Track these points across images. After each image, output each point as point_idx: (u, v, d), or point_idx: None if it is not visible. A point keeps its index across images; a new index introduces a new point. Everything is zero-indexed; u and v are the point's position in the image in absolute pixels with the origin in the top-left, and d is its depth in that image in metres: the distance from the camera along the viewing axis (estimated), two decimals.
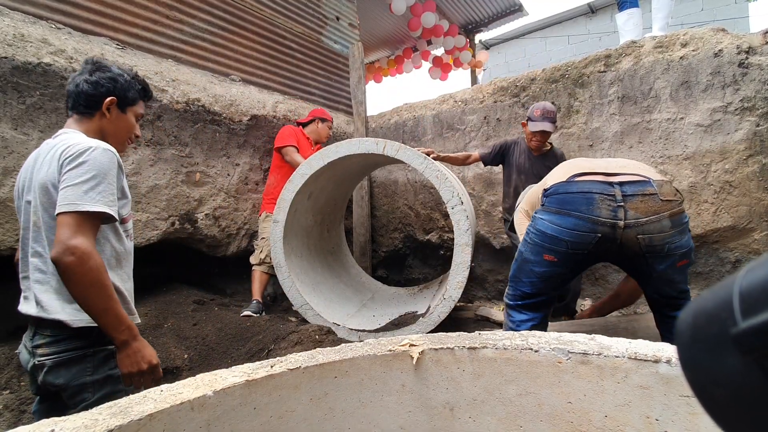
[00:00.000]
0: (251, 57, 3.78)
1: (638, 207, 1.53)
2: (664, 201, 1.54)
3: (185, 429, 0.69)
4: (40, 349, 1.12)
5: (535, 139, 2.90)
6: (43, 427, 0.62)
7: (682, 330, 0.28)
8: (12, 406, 1.87)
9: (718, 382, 0.25)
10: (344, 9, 4.97)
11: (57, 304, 1.12)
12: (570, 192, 1.61)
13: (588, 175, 1.64)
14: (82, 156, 1.10)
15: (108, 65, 1.28)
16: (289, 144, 3.21)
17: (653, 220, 1.52)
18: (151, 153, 2.78)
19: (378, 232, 4.48)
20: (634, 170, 1.65)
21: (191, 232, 3.07)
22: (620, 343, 0.89)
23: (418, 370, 0.93)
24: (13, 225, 2.15)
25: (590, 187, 1.58)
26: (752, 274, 0.24)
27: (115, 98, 1.26)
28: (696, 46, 2.95)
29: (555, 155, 3.01)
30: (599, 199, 1.55)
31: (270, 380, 0.81)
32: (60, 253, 1.01)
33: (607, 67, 3.28)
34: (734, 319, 0.24)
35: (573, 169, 1.70)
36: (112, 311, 1.07)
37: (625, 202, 1.54)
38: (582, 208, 1.56)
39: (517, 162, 3.07)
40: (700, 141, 2.91)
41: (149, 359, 1.13)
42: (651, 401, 0.81)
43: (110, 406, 0.67)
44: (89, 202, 1.07)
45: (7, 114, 2.13)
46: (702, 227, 2.93)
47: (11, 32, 2.19)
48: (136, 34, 2.94)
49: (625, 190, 1.56)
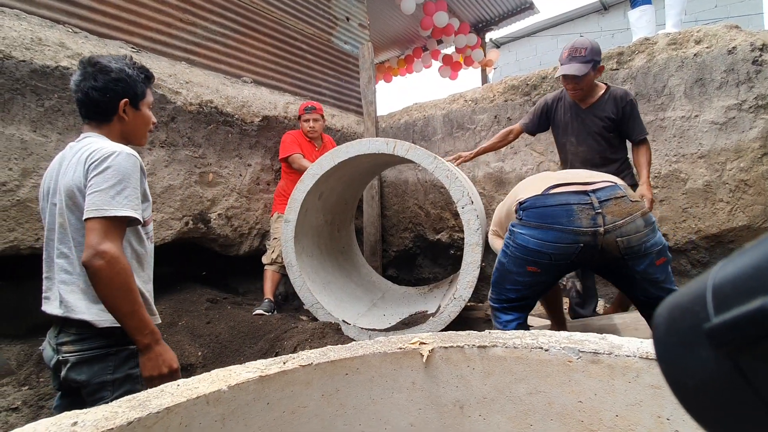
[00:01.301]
0: (262, 58, 3.82)
1: (614, 211, 1.57)
2: (633, 202, 1.60)
3: (201, 422, 0.71)
4: (64, 347, 1.16)
5: (567, 88, 2.43)
6: (65, 419, 0.64)
7: (659, 323, 0.29)
8: (31, 401, 1.93)
9: (690, 374, 0.26)
10: (354, 9, 4.99)
11: (83, 304, 1.15)
12: (548, 205, 1.61)
13: (563, 186, 1.65)
14: (106, 161, 1.13)
15: (107, 64, 1.25)
16: (292, 153, 3.24)
17: (629, 221, 1.56)
18: (166, 154, 2.83)
19: (388, 232, 4.49)
20: (601, 178, 1.71)
21: (204, 232, 3.12)
22: (631, 343, 0.89)
23: (428, 368, 0.94)
24: (32, 225, 2.21)
25: (567, 198, 1.60)
26: (724, 269, 0.25)
27: (128, 99, 1.27)
28: (710, 43, 2.90)
29: (614, 100, 2.37)
30: (578, 210, 1.57)
31: (282, 376, 0.83)
32: (90, 257, 1.05)
33: (619, 64, 3.24)
34: (707, 314, 0.24)
35: (547, 182, 1.70)
36: (138, 315, 1.11)
37: (602, 207, 1.56)
38: (563, 220, 1.57)
39: (563, 120, 2.56)
40: (715, 139, 2.87)
41: (170, 363, 1.16)
42: (662, 401, 0.81)
43: (129, 399, 0.70)
44: (116, 207, 1.10)
45: (26, 116, 2.19)
46: (717, 227, 2.88)
47: (29, 36, 2.25)
48: (151, 37, 2.99)
49: (599, 196, 1.59)
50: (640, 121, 2.42)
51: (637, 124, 2.39)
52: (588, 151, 2.50)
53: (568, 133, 2.55)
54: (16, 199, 2.15)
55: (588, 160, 2.50)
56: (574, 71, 2.28)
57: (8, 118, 2.12)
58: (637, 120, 2.40)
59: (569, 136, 2.55)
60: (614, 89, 2.43)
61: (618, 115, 2.38)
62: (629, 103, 2.37)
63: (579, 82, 2.33)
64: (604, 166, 2.39)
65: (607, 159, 2.48)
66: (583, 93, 2.40)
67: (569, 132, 2.54)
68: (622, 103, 2.36)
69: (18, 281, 2.34)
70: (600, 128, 2.44)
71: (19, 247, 2.18)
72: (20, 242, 2.18)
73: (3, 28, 2.16)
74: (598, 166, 2.37)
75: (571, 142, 2.54)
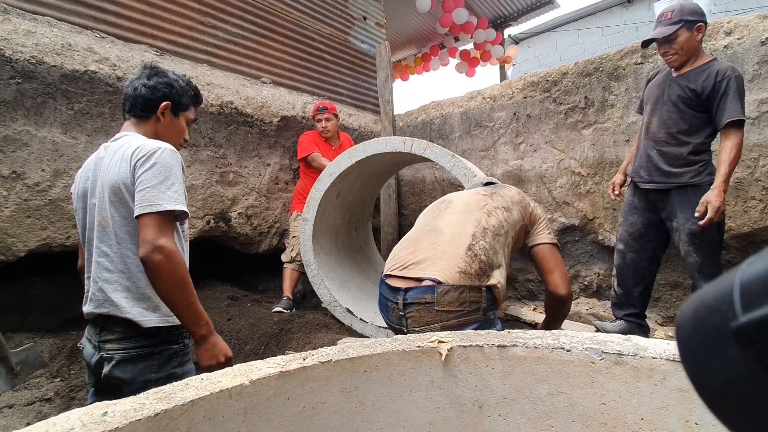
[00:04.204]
0: (281, 59, 3.86)
1: (413, 316, 1.52)
2: (438, 311, 1.47)
3: (224, 415, 0.73)
4: (108, 344, 1.18)
5: (661, 55, 2.19)
6: (96, 409, 0.66)
7: (683, 322, 0.28)
8: (62, 393, 2.00)
9: (717, 374, 0.25)
10: (371, 9, 5.00)
11: (126, 303, 1.16)
12: (381, 293, 1.67)
13: (390, 278, 1.63)
14: (153, 157, 1.15)
15: (165, 71, 1.32)
16: (311, 152, 3.27)
17: (425, 330, 1.47)
18: (188, 154, 2.89)
19: (405, 231, 4.48)
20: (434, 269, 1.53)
21: (225, 230, 3.18)
22: (658, 344, 0.86)
23: (447, 366, 0.94)
24: (63, 224, 2.30)
25: (386, 292, 1.62)
26: (753, 267, 0.24)
27: (170, 103, 1.30)
28: (741, 34, 2.79)
29: (710, 73, 2.05)
30: (391, 307, 1.59)
31: (303, 372, 0.84)
32: (149, 252, 1.06)
33: (644, 58, 3.15)
34: (734, 312, 0.24)
35: (390, 262, 1.69)
36: (194, 307, 1.13)
37: (405, 310, 1.52)
38: (384, 310, 1.64)
39: (651, 91, 2.28)
40: (747, 134, 2.75)
41: (225, 352, 1.19)
42: (690, 404, 0.78)
43: (156, 392, 0.72)
44: (169, 202, 1.12)
45: (57, 119, 2.28)
46: (749, 225, 2.76)
47: (59, 42, 2.34)
48: (174, 40, 3.07)
49: (407, 297, 1.53)
50: (735, 102, 1.97)
51: (727, 105, 1.97)
52: (658, 123, 2.18)
53: (648, 102, 2.27)
54: (48, 198, 2.24)
55: (654, 135, 2.19)
56: (656, 34, 2.09)
57: (41, 121, 2.21)
58: (730, 100, 1.97)
59: (648, 104, 2.27)
60: (719, 63, 2.10)
61: (706, 89, 2.02)
62: (727, 79, 1.99)
63: (669, 44, 2.09)
64: (671, 146, 2.10)
65: (677, 139, 2.12)
66: (679, 58, 2.11)
67: (649, 100, 2.26)
68: (718, 77, 2.00)
69: (50, 277, 2.44)
70: (677, 98, 2.11)
71: (51, 245, 2.27)
72: (52, 240, 2.27)
73: (35, 34, 2.25)
74: (661, 143, 2.12)
75: (647, 112, 2.27)
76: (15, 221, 2.13)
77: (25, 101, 2.15)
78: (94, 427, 0.61)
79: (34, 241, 2.20)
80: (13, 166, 2.11)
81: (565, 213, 3.47)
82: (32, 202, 2.18)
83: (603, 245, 3.29)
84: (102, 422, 0.62)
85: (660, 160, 2.20)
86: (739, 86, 2.01)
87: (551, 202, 3.53)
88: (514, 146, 3.73)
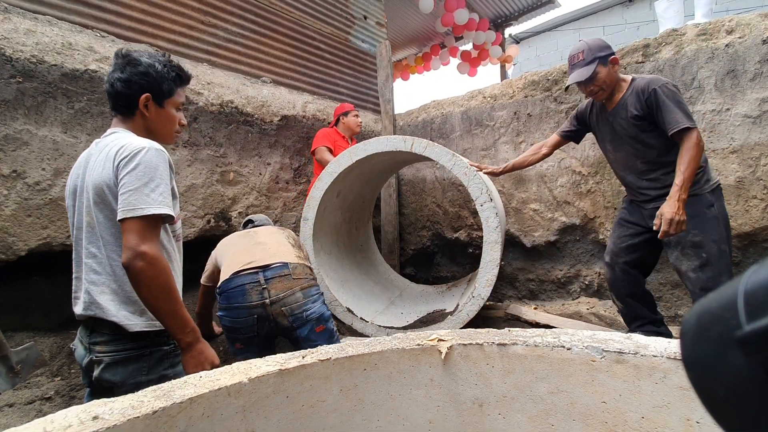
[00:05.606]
0: (281, 59, 3.86)
1: (276, 286, 1.94)
2: (294, 279, 1.98)
3: (223, 413, 0.73)
4: (98, 347, 1.15)
5: (586, 95, 2.23)
6: (94, 406, 0.66)
7: (687, 329, 0.28)
8: (63, 392, 2.00)
9: (720, 381, 0.25)
10: (372, 8, 5.00)
11: (113, 306, 1.13)
12: (231, 288, 1.94)
13: (242, 271, 1.97)
14: (136, 158, 1.10)
15: (137, 57, 1.22)
16: (320, 145, 3.28)
17: (288, 293, 1.94)
18: (188, 154, 2.89)
19: (406, 230, 4.48)
20: (278, 258, 2.04)
21: (225, 230, 3.18)
22: (659, 343, 0.86)
23: (447, 365, 0.93)
24: (63, 223, 2.30)
25: (243, 280, 1.94)
26: (757, 275, 0.24)
27: (150, 94, 1.22)
28: (742, 33, 2.78)
29: (636, 94, 2.07)
30: (249, 288, 1.92)
31: (302, 370, 0.84)
32: (131, 259, 1.03)
33: (645, 57, 3.14)
34: (739, 321, 0.24)
35: (233, 266, 2.00)
36: (179, 314, 1.09)
37: (268, 284, 1.93)
38: (239, 299, 1.91)
39: (596, 127, 2.35)
40: (748, 133, 2.74)
41: (212, 360, 1.15)
42: (692, 403, 0.78)
43: (154, 389, 0.71)
44: (153, 205, 1.07)
45: (57, 119, 2.28)
46: (750, 225, 2.76)
47: (60, 41, 2.34)
48: (174, 39, 3.07)
49: (267, 275, 1.95)
50: (672, 109, 1.96)
51: (666, 114, 1.97)
52: (626, 158, 2.20)
53: (604, 140, 2.31)
54: (49, 197, 2.24)
55: (630, 167, 2.21)
56: (576, 78, 2.12)
57: (41, 120, 2.21)
58: (667, 109, 1.97)
59: (605, 143, 2.31)
60: (637, 81, 2.11)
61: (644, 110, 2.05)
62: (652, 93, 2.01)
63: (591, 84, 2.12)
64: (655, 172, 2.11)
65: (656, 163, 2.11)
66: (605, 92, 2.15)
67: (605, 139, 2.30)
68: (644, 96, 2.04)
69: (51, 276, 2.44)
70: (630, 130, 2.12)
71: (51, 244, 2.27)
72: (52, 239, 2.27)
73: (36, 33, 2.25)
74: (644, 173, 2.14)
75: (609, 150, 2.30)
76: (15, 220, 2.13)
77: (26, 100, 2.15)
78: (92, 425, 0.60)
79: (35, 240, 2.20)
80: (13, 165, 2.11)
81: (565, 212, 3.46)
82: (33, 201, 2.18)
83: (604, 245, 3.28)
84: (100, 420, 0.62)
85: (652, 188, 2.15)
86: (666, 94, 2.00)
87: (552, 201, 3.53)
88: (514, 145, 3.73)
